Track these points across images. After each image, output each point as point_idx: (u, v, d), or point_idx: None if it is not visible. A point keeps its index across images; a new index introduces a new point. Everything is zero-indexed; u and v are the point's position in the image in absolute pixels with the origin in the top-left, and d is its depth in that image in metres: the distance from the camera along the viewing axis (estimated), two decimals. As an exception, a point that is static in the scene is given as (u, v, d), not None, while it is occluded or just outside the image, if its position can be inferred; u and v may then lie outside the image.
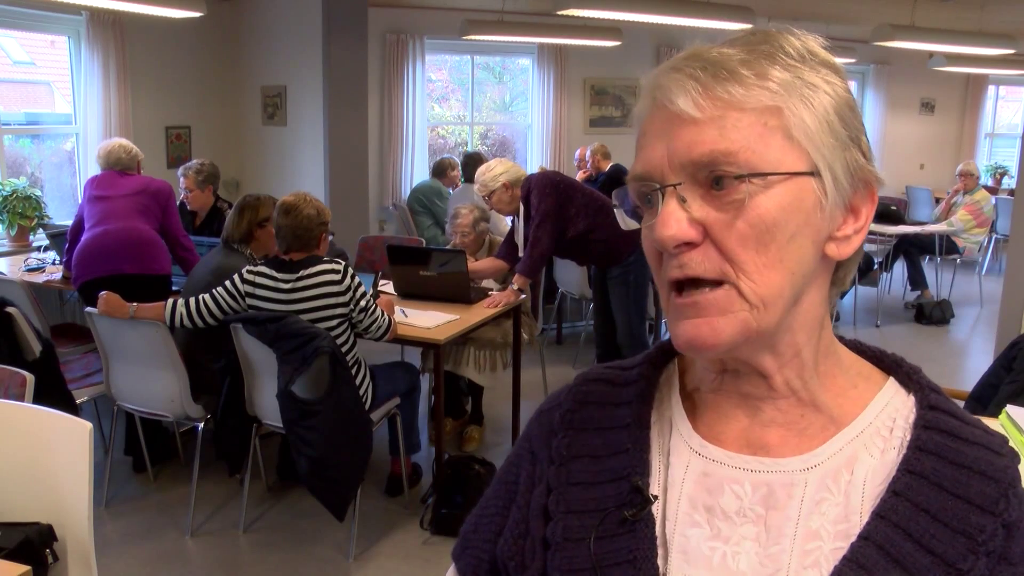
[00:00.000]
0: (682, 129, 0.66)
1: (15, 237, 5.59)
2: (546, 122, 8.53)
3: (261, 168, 7.19)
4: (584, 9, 5.57)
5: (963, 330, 7.00)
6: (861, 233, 0.71)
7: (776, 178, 0.65)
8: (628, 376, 0.83)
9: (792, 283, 0.67)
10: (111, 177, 4.16)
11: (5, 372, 2.55)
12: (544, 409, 0.86)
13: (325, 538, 3.45)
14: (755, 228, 0.65)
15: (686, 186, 0.67)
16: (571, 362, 5.77)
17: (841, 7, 7.61)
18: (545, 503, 0.78)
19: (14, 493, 2.11)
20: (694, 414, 0.77)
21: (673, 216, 0.66)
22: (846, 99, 0.69)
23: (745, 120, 0.65)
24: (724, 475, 0.73)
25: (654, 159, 0.68)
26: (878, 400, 0.74)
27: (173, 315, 3.31)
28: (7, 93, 6.06)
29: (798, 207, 0.66)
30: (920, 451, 0.69)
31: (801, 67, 0.67)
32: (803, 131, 0.66)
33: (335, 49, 6.49)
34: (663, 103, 0.68)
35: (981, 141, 11.55)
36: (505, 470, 0.87)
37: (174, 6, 4.87)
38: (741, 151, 0.64)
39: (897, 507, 0.67)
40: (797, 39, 0.69)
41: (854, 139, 0.69)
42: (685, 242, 0.66)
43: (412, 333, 3.60)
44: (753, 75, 0.66)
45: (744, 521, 0.71)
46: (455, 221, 4.52)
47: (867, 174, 0.70)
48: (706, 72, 0.66)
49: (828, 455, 0.71)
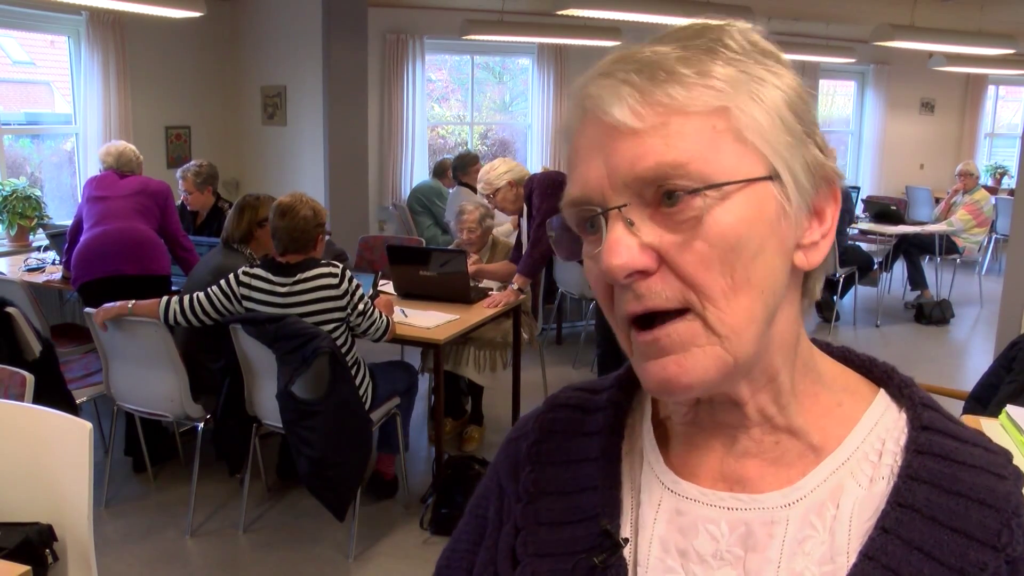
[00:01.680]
0: (621, 142, 0.59)
1: (15, 237, 5.59)
2: (546, 122, 8.53)
3: (261, 168, 7.19)
4: (584, 9, 5.57)
5: (963, 330, 7.00)
6: (828, 237, 0.64)
7: (733, 187, 0.58)
8: (597, 401, 0.76)
9: (764, 304, 0.60)
10: (111, 178, 4.17)
11: (5, 372, 2.54)
12: (512, 438, 0.80)
13: (325, 538, 3.45)
14: (716, 247, 0.58)
15: (632, 207, 0.59)
16: (571, 362, 5.76)
17: (841, 7, 7.61)
18: (513, 544, 0.74)
19: (14, 493, 2.11)
20: (666, 445, 0.71)
21: (621, 243, 0.58)
22: (797, 91, 0.62)
23: (691, 125, 0.58)
24: (698, 514, 0.67)
25: (592, 179, 0.60)
26: (866, 419, 0.67)
27: (167, 311, 3.31)
28: (7, 93, 6.05)
29: (760, 217, 0.59)
30: (912, 480, 0.62)
31: (745, 60, 0.60)
32: (756, 131, 0.59)
33: (335, 49, 6.49)
34: (596, 114, 0.60)
35: (981, 141, 11.55)
36: (475, 503, 0.82)
37: (174, 6, 4.87)
38: (691, 161, 0.57)
39: (887, 546, 0.61)
40: (736, 30, 0.63)
41: (809, 134, 0.62)
42: (638, 271, 0.59)
43: (412, 333, 3.60)
44: (694, 73, 0.59)
45: (721, 565, 0.65)
46: (461, 217, 4.51)
47: (827, 171, 0.63)
48: (641, 75, 0.59)
49: (811, 487, 0.65)
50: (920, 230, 7.30)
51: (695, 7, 5.89)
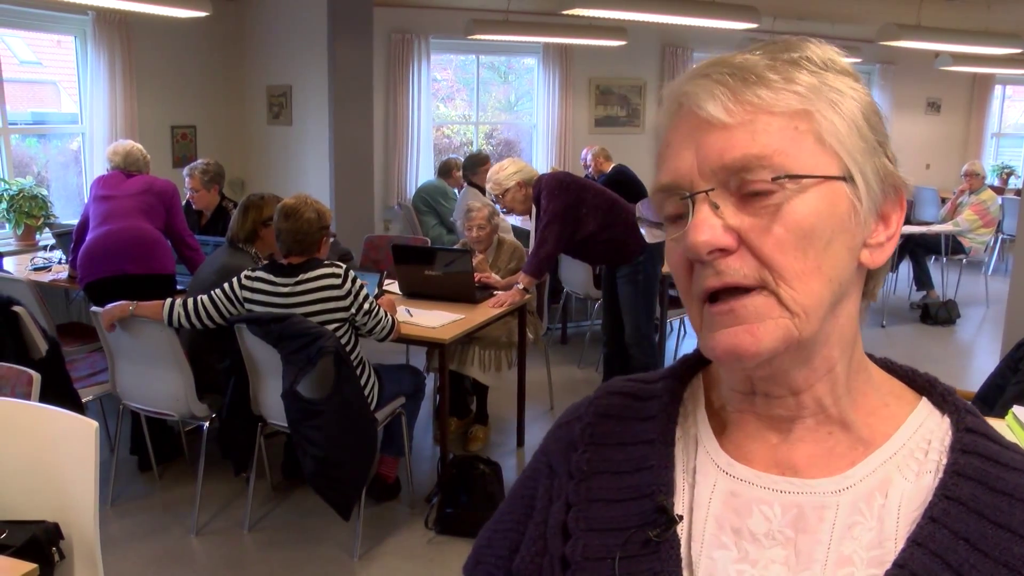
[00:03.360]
0: (711, 135, 0.65)
1: (21, 236, 5.61)
2: (551, 122, 8.53)
3: (266, 167, 7.21)
4: (589, 9, 5.57)
5: (969, 330, 6.98)
6: (893, 240, 0.69)
7: (810, 182, 0.64)
8: (652, 390, 0.80)
9: (831, 291, 0.66)
10: (117, 177, 4.18)
11: (12, 371, 2.55)
12: (563, 422, 0.84)
13: (330, 537, 3.45)
14: (792, 233, 0.63)
15: (718, 192, 0.65)
16: (576, 362, 5.76)
17: (847, 7, 7.60)
18: (564, 520, 0.76)
19: (21, 491, 2.12)
20: (721, 432, 0.75)
21: (706, 222, 0.64)
22: (871, 105, 0.68)
23: (776, 124, 0.64)
24: (752, 496, 0.70)
25: (682, 167, 0.66)
26: (912, 420, 0.71)
27: (171, 315, 3.32)
28: (14, 93, 6.07)
29: (833, 212, 0.65)
30: (958, 476, 0.66)
31: (825, 73, 0.67)
32: (834, 135, 0.65)
33: (340, 49, 6.50)
34: (691, 110, 0.66)
35: (987, 141, 11.51)
36: (522, 484, 0.84)
37: (180, 6, 4.88)
38: (774, 154, 0.63)
39: (935, 534, 0.64)
40: (818, 47, 0.68)
41: (882, 144, 0.68)
42: (719, 248, 0.64)
43: (417, 333, 3.60)
44: (781, 79, 0.65)
45: (773, 544, 0.69)
46: (470, 215, 4.49)
47: (896, 180, 0.69)
48: (734, 77, 0.65)
49: (860, 477, 0.68)
50: (926, 230, 7.28)
51: (701, 6, 5.89)
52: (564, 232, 4.16)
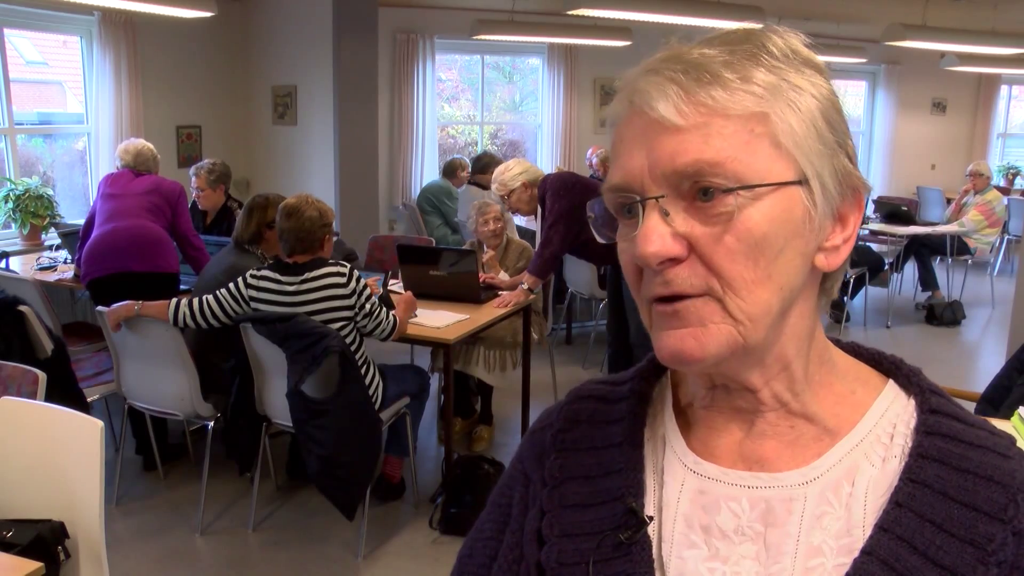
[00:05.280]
0: (663, 137, 0.62)
1: (27, 236, 5.62)
2: (556, 122, 8.53)
3: (271, 167, 7.21)
4: (594, 9, 5.58)
5: (974, 331, 6.96)
6: (849, 242, 0.68)
7: (764, 189, 0.62)
8: (620, 392, 0.80)
9: (780, 298, 0.64)
10: (125, 176, 4.19)
11: (17, 370, 2.56)
12: (535, 429, 0.84)
13: (334, 537, 3.46)
14: (744, 242, 0.62)
15: (668, 199, 0.63)
16: (581, 362, 5.76)
17: (852, 7, 7.58)
18: (539, 527, 0.76)
19: (26, 490, 2.13)
20: (688, 430, 0.75)
21: (656, 231, 0.63)
22: (831, 101, 0.66)
23: (730, 127, 0.61)
24: (720, 492, 0.70)
25: (633, 169, 0.64)
26: (877, 405, 0.71)
27: (176, 314, 3.32)
28: (20, 93, 6.09)
29: (787, 219, 0.63)
30: (922, 458, 0.66)
31: (786, 68, 0.64)
32: (791, 138, 0.63)
33: (345, 49, 6.51)
34: (642, 108, 0.64)
35: (993, 141, 11.48)
36: (499, 492, 0.85)
37: (185, 6, 4.89)
38: (727, 161, 0.61)
39: (900, 519, 0.64)
40: (780, 37, 0.66)
41: (841, 143, 0.66)
42: (670, 258, 0.63)
43: (422, 333, 3.60)
44: (737, 78, 0.62)
45: (743, 539, 0.69)
46: (485, 209, 4.47)
47: (854, 180, 0.67)
48: (688, 75, 0.62)
49: (827, 467, 0.68)
50: (931, 231, 7.26)
51: (706, 7, 5.89)
52: (569, 232, 4.16)
